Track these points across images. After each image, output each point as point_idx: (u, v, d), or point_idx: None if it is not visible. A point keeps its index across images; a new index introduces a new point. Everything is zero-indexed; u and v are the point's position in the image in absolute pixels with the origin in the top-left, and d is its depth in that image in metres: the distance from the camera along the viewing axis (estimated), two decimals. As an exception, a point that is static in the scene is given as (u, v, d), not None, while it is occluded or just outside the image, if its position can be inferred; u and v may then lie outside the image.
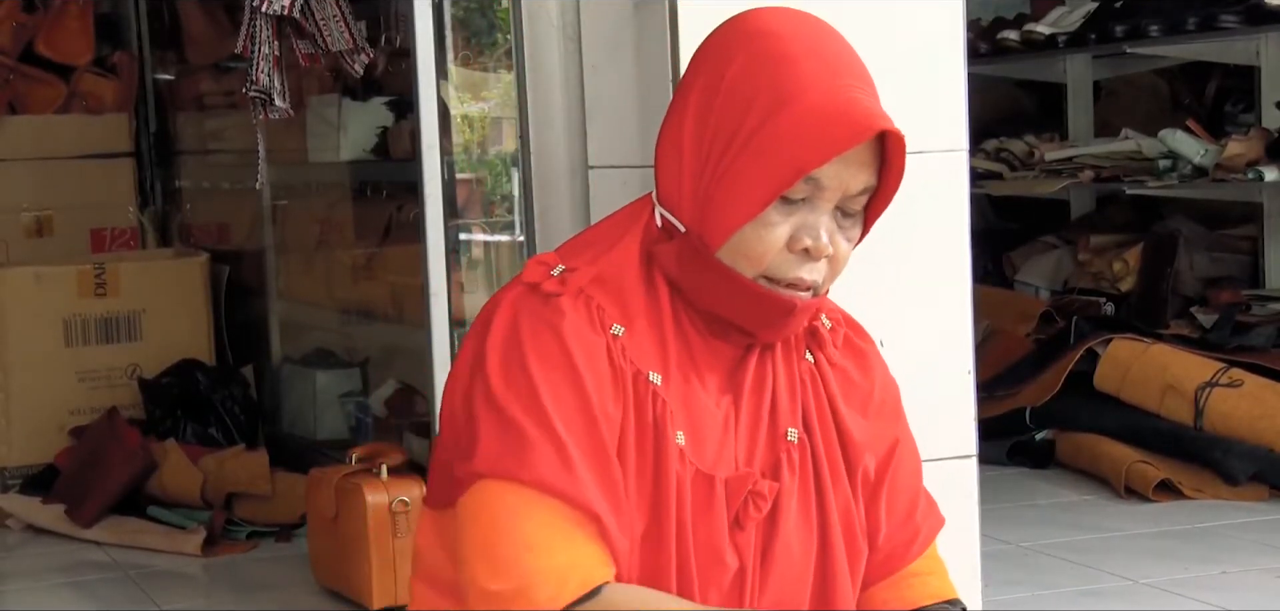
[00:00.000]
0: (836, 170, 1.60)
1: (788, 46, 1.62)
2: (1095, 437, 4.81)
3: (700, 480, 1.64)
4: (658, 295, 1.67)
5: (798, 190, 1.60)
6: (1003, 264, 6.11)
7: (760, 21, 1.66)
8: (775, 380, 1.70)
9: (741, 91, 1.61)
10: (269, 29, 3.65)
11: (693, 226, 1.64)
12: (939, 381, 2.76)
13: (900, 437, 1.79)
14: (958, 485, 2.77)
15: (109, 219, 5.93)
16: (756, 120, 1.60)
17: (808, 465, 1.70)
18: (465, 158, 3.62)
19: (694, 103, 1.65)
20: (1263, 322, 5.04)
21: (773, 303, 1.64)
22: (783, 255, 1.62)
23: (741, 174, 1.60)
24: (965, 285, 2.79)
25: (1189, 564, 3.91)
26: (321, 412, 5.06)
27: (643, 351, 1.64)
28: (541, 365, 1.60)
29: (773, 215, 1.61)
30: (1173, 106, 6.18)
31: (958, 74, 2.75)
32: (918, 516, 1.80)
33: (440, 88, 3.49)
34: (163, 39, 6.21)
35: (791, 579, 1.68)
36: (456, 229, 3.56)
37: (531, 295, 1.64)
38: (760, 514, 1.66)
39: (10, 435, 5.04)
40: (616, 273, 1.66)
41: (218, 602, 4.01)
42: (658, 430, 1.63)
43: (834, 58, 1.63)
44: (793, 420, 1.70)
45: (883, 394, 1.79)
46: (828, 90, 1.59)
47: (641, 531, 1.62)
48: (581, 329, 1.62)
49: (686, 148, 1.65)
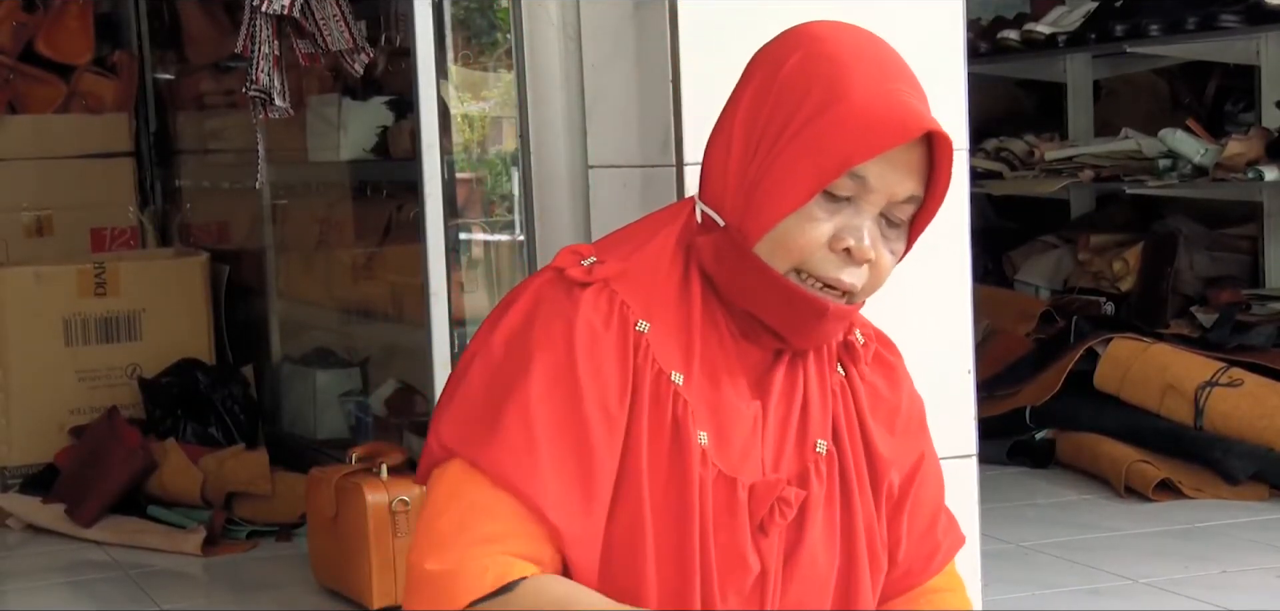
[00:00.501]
0: (883, 171, 1.61)
1: (843, 50, 1.64)
2: (1095, 437, 4.81)
3: (722, 481, 1.64)
4: (690, 292, 1.67)
5: (843, 187, 1.61)
6: (1003, 263, 6.11)
7: (817, 29, 1.69)
8: (807, 389, 1.71)
9: (795, 86, 1.63)
10: (269, 28, 3.65)
11: (734, 219, 1.65)
12: (939, 381, 2.76)
13: (925, 454, 1.80)
14: (958, 484, 2.76)
15: (109, 218, 5.93)
16: (807, 113, 1.61)
17: (835, 476, 1.71)
18: (465, 157, 3.62)
19: (748, 99, 1.67)
20: (1263, 322, 5.04)
21: (804, 302, 1.64)
22: (824, 252, 1.63)
23: (790, 165, 1.61)
24: (965, 284, 2.79)
25: (1189, 563, 3.91)
26: (321, 412, 5.06)
27: (666, 349, 1.64)
28: (542, 355, 1.61)
29: (817, 210, 1.61)
30: (1173, 106, 6.18)
31: (958, 73, 2.75)
32: (938, 533, 1.81)
33: (440, 87, 3.49)
34: (163, 38, 6.21)
35: (814, 587, 1.69)
36: (456, 228, 3.56)
37: (557, 282, 1.65)
38: (786, 520, 1.66)
39: (10, 434, 5.04)
40: (649, 267, 1.67)
41: (218, 602, 4.01)
42: (678, 429, 1.63)
43: (887, 63, 1.65)
44: (822, 431, 1.71)
45: (909, 409, 1.80)
46: (879, 91, 1.61)
47: (656, 529, 1.62)
48: (594, 325, 1.62)
49: (736, 140, 1.66)
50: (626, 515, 1.62)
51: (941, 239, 2.76)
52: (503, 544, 1.58)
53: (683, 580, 1.62)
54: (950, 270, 2.77)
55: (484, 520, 1.59)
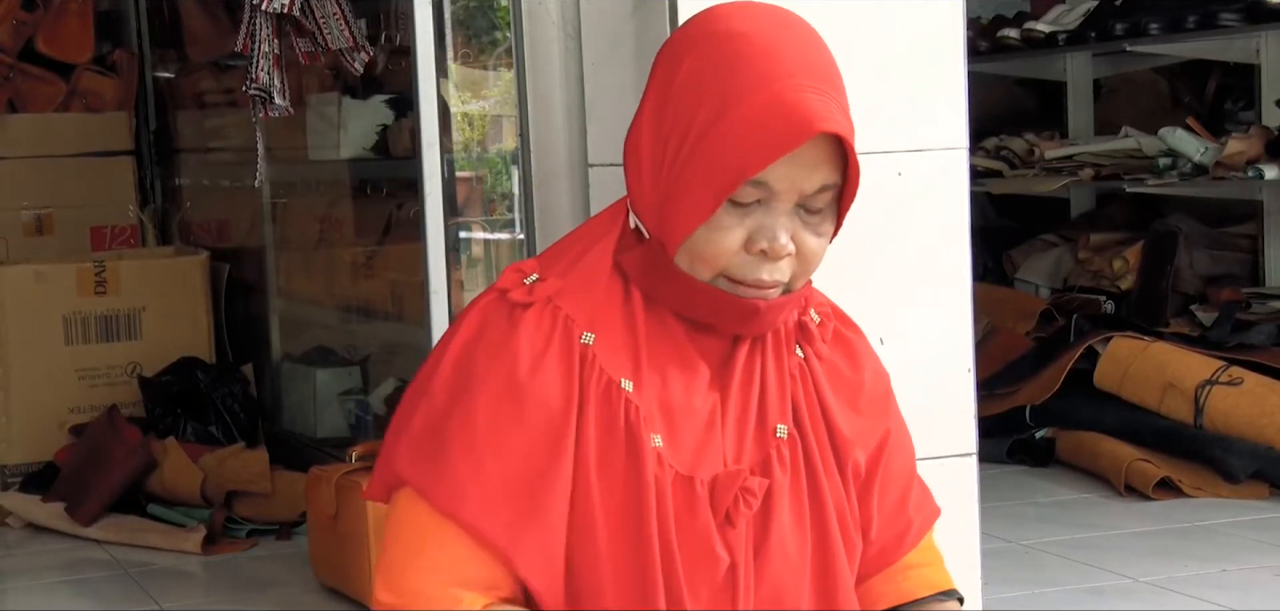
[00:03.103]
0: (785, 171, 1.57)
1: (738, 46, 1.60)
2: (1095, 436, 4.81)
3: (680, 481, 1.63)
4: (632, 298, 1.66)
5: (747, 194, 1.58)
6: (1003, 262, 6.11)
7: (715, 21, 1.64)
8: (764, 375, 1.69)
9: (688, 95, 1.60)
10: (269, 27, 3.65)
11: (654, 231, 1.64)
12: (939, 379, 2.77)
13: (891, 429, 1.78)
14: (958, 483, 2.77)
15: (109, 217, 5.93)
16: (701, 126, 1.58)
17: (799, 460, 1.69)
18: (465, 155, 3.62)
19: (649, 106, 1.65)
20: (1263, 320, 5.04)
21: (732, 305, 1.63)
22: (741, 257, 1.60)
23: (691, 179, 1.59)
24: (965, 283, 2.79)
25: (1189, 562, 3.91)
26: (321, 410, 5.06)
27: (614, 358, 1.63)
28: (487, 380, 1.61)
29: (725, 218, 1.59)
30: (1173, 104, 6.18)
31: (958, 72, 2.75)
32: (909, 508, 1.79)
33: (440, 85, 3.49)
34: (163, 37, 6.21)
35: (788, 574, 1.67)
36: (456, 227, 3.56)
37: (499, 305, 1.65)
38: (751, 510, 1.65)
39: (10, 433, 5.04)
40: (589, 278, 1.66)
41: (218, 601, 4.01)
42: (631, 436, 1.62)
43: (787, 56, 1.59)
44: (782, 416, 1.69)
45: (873, 386, 1.77)
46: (772, 92, 1.56)
47: (611, 537, 1.61)
48: (537, 345, 1.61)
49: (645, 152, 1.64)
50: (581, 527, 1.61)
51: (941, 238, 2.77)
52: (454, 571, 1.60)
53: (644, 583, 1.61)
54: (950, 269, 2.78)
55: (435, 549, 1.60)
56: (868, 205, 2.75)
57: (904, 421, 1.82)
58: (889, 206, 2.73)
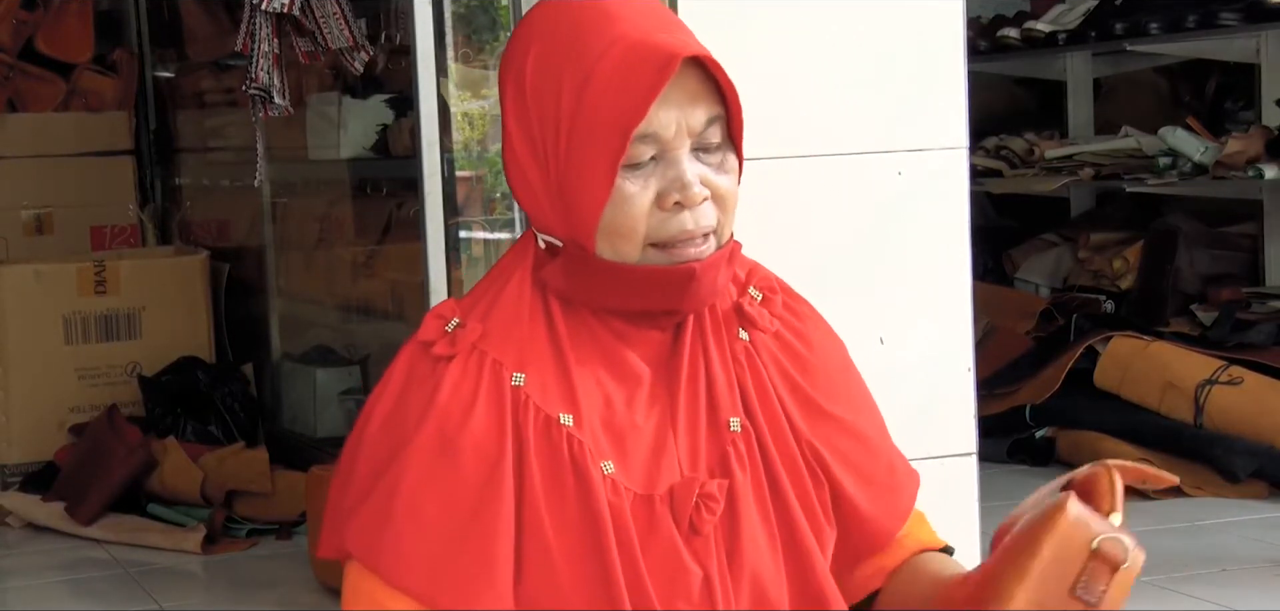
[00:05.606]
0: (666, 117, 1.55)
1: (576, 17, 1.58)
2: (1095, 435, 4.81)
3: (639, 502, 1.58)
4: (555, 327, 1.61)
5: (640, 152, 1.55)
6: (1003, 261, 6.10)
7: (542, 11, 1.62)
8: (709, 368, 1.64)
9: (547, 83, 1.57)
10: (269, 26, 3.65)
11: (565, 234, 1.60)
12: (939, 379, 2.77)
13: (859, 402, 1.73)
14: (958, 483, 2.77)
15: (109, 216, 5.93)
16: (569, 103, 1.55)
17: (755, 452, 1.64)
18: (465, 155, 3.62)
19: (510, 118, 1.61)
20: (1263, 320, 5.04)
21: (668, 278, 1.58)
22: (657, 216, 1.56)
23: (578, 163, 1.55)
24: (965, 282, 2.79)
25: (1189, 561, 3.91)
26: (321, 410, 5.06)
27: (548, 394, 1.58)
28: (417, 440, 1.56)
29: (628, 186, 1.55)
30: (1173, 104, 6.18)
31: (958, 71, 2.75)
32: (899, 476, 1.74)
33: (440, 85, 3.49)
34: (163, 36, 6.21)
35: (765, 575, 1.62)
36: (456, 226, 3.56)
37: (423, 358, 1.60)
38: (714, 516, 1.60)
39: (10, 432, 5.04)
40: (511, 314, 1.61)
41: (218, 600, 4.01)
42: (578, 471, 1.57)
43: (626, 11, 1.57)
44: (733, 408, 1.64)
45: (827, 356, 1.72)
46: (626, 42, 1.54)
47: (573, 576, 1.57)
48: (465, 397, 1.57)
49: (524, 162, 1.60)
50: (539, 571, 1.57)
51: (941, 237, 2.77)
52: None
53: None
54: (950, 268, 2.78)
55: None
56: (868, 205, 2.76)
57: (865, 385, 1.76)
58: (889, 206, 2.73)
